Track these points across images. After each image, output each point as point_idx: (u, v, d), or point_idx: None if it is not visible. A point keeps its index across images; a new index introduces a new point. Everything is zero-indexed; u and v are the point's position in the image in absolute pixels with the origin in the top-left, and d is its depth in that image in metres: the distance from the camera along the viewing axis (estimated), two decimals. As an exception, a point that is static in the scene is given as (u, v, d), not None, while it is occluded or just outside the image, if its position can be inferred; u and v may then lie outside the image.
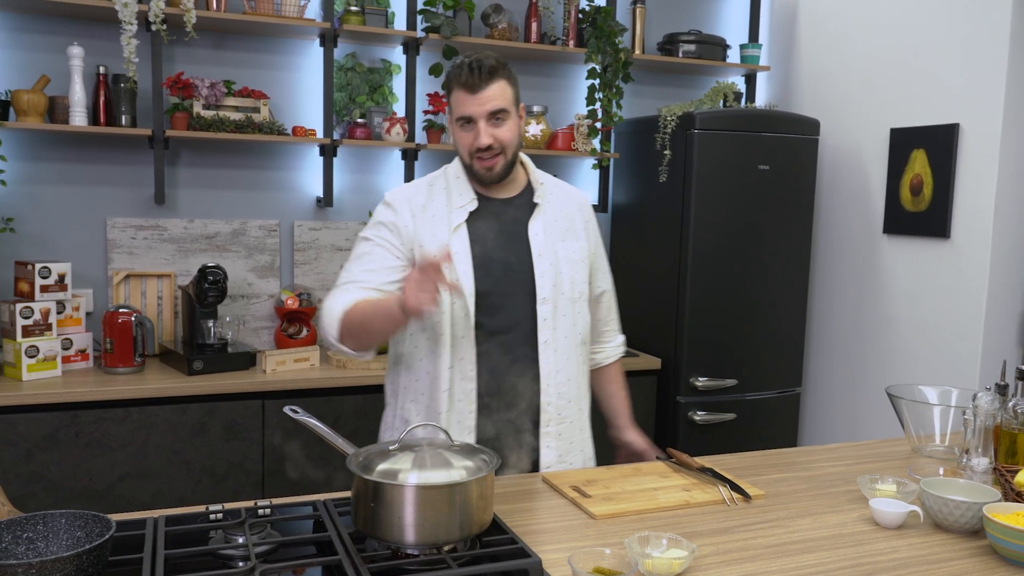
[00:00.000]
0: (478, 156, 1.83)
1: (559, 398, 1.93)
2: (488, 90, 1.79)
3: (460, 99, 1.82)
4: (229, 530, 1.43)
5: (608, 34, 3.52)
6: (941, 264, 3.21)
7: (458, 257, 1.85)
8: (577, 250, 1.97)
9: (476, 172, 1.87)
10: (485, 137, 1.81)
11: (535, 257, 1.90)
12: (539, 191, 1.95)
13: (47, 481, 2.64)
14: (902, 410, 2.13)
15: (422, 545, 1.35)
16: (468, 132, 1.84)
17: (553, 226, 1.95)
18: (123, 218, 3.19)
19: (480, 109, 1.80)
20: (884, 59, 3.46)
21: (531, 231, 1.92)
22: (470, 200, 1.90)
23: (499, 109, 1.81)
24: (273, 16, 3.09)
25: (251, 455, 2.87)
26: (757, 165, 3.44)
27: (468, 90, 1.79)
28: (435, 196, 1.92)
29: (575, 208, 2.02)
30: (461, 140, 1.86)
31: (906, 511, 1.61)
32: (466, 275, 1.84)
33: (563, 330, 1.92)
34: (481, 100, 1.79)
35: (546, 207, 1.95)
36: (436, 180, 1.96)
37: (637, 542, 1.39)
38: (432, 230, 1.88)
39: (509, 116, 1.84)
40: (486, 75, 1.79)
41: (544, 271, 1.89)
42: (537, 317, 1.89)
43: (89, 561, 1.12)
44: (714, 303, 3.44)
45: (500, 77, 1.81)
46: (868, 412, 3.56)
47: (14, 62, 3.02)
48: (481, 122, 1.81)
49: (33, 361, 2.76)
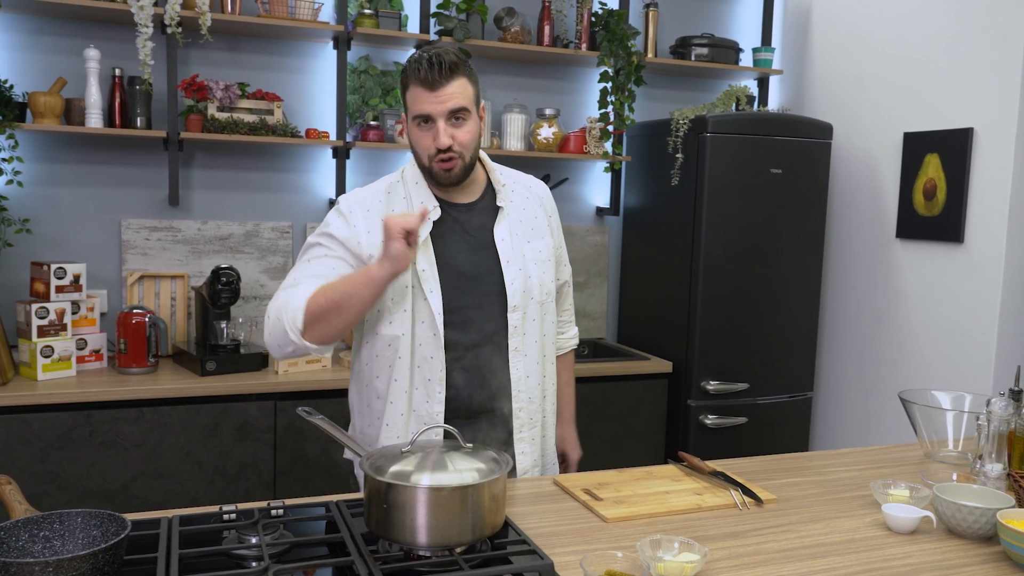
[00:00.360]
0: (437, 157, 1.73)
1: (529, 403, 1.87)
2: (448, 87, 1.68)
3: (418, 96, 1.70)
4: (242, 530, 1.44)
5: (621, 37, 3.52)
6: (954, 269, 3.20)
7: (424, 275, 1.76)
8: (543, 248, 1.90)
9: (434, 174, 1.76)
10: (444, 137, 1.70)
11: (504, 264, 1.82)
12: (502, 193, 1.87)
13: (61, 480, 2.66)
14: (915, 415, 2.12)
15: (434, 547, 1.36)
16: (426, 132, 1.72)
17: (519, 227, 1.87)
18: (137, 219, 3.21)
19: (440, 107, 1.69)
20: (897, 63, 3.45)
21: (497, 237, 1.84)
22: (432, 208, 1.80)
23: (460, 108, 1.70)
24: (287, 19, 3.11)
25: (263, 456, 2.88)
26: (769, 169, 3.43)
27: (427, 87, 1.68)
28: (394, 204, 1.82)
29: (537, 203, 1.94)
30: (419, 140, 1.74)
31: (919, 516, 1.60)
32: (434, 294, 1.76)
33: (532, 334, 1.86)
34: (441, 98, 1.68)
35: (510, 209, 1.87)
36: (395, 186, 1.85)
37: (649, 545, 1.39)
38: None
39: (470, 116, 1.73)
40: (447, 71, 1.67)
41: (514, 278, 1.82)
42: (508, 325, 1.82)
43: (105, 560, 1.13)
44: (726, 307, 3.44)
45: (461, 74, 1.70)
46: (880, 417, 3.54)
47: (31, 64, 3.04)
48: (440, 121, 1.70)
49: (48, 361, 2.78)
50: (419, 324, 1.78)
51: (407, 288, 1.77)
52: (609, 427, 3.40)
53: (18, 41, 3.02)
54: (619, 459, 3.39)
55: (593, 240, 3.91)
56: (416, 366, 1.79)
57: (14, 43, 3.02)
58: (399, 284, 1.77)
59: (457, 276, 1.79)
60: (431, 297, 1.76)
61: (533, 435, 1.90)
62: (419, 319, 1.77)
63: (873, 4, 3.57)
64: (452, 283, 1.79)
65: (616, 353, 3.66)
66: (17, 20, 3.01)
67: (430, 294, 1.76)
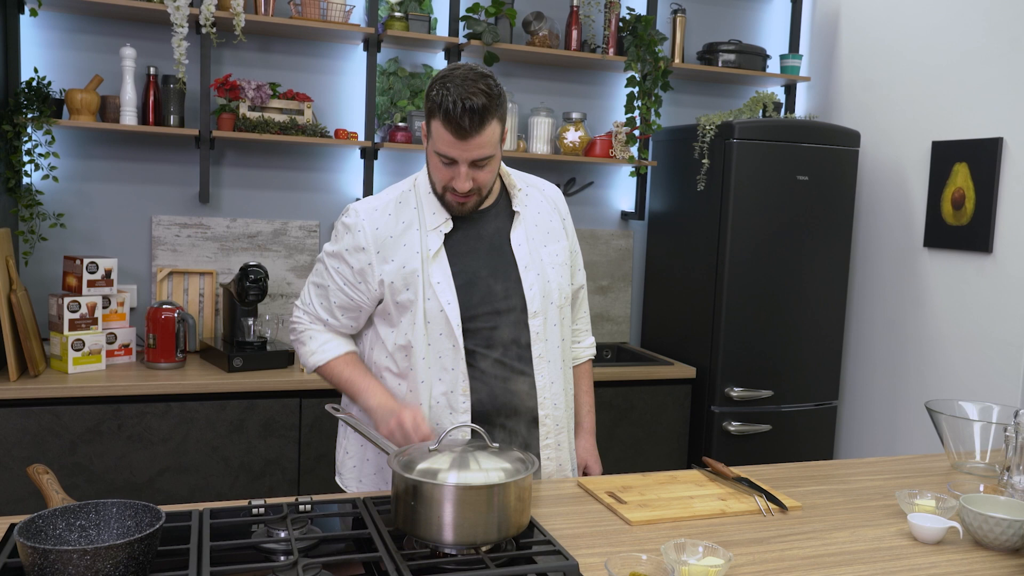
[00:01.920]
0: (452, 192, 1.70)
1: (555, 409, 1.86)
2: (478, 138, 1.62)
3: (444, 139, 1.63)
4: (271, 525, 1.46)
5: (648, 43, 3.53)
6: (983, 279, 3.17)
7: (440, 287, 1.73)
8: (560, 252, 1.88)
9: (447, 203, 1.74)
10: (465, 182, 1.66)
11: (522, 270, 1.80)
12: (517, 197, 1.84)
13: (90, 473, 2.70)
14: (942, 426, 2.11)
15: (460, 545, 1.37)
16: (447, 169, 1.68)
17: (535, 231, 1.85)
18: (168, 216, 3.25)
19: (466, 155, 1.64)
20: (926, 71, 3.43)
21: (514, 242, 1.81)
22: (444, 220, 1.76)
23: (485, 156, 1.66)
24: (319, 21, 3.14)
25: (288, 453, 2.91)
26: (796, 176, 3.42)
27: (456, 135, 1.61)
28: (404, 217, 1.77)
29: (551, 207, 1.91)
30: (438, 171, 1.70)
31: (945, 527, 1.59)
32: (452, 306, 1.73)
33: (554, 340, 1.85)
34: (469, 147, 1.62)
35: (525, 213, 1.85)
36: (407, 195, 1.80)
37: (673, 549, 1.40)
38: (402, 261, 1.74)
39: (491, 160, 1.68)
40: (478, 122, 1.60)
41: (532, 283, 1.80)
42: (530, 332, 1.80)
43: (140, 550, 1.15)
44: (751, 313, 3.43)
45: (492, 117, 1.62)
46: (906, 427, 3.52)
47: (69, 62, 3.09)
48: (463, 166, 1.65)
49: (79, 354, 2.82)
50: (436, 336, 1.75)
51: (420, 301, 1.74)
52: (632, 432, 3.40)
53: (56, 39, 3.07)
54: (641, 464, 3.39)
55: (618, 244, 3.91)
56: (437, 379, 1.77)
57: (53, 41, 3.07)
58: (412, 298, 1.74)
59: (474, 284, 1.77)
60: (448, 308, 1.73)
61: (560, 440, 1.89)
62: (435, 331, 1.75)
63: (902, 11, 3.55)
64: (469, 292, 1.76)
65: (640, 358, 3.66)
66: (56, 18, 3.07)
67: (447, 305, 1.73)
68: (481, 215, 1.83)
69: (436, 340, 1.75)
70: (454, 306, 1.74)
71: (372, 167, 3.39)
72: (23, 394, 2.61)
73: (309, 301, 1.87)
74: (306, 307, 1.88)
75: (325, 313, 1.85)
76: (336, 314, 1.84)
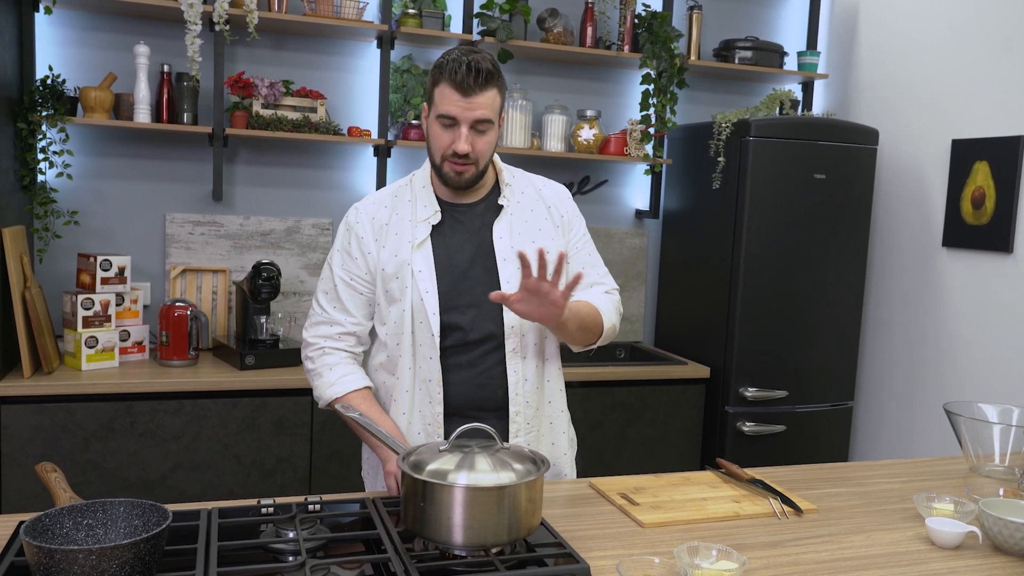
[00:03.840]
0: (452, 159, 1.74)
1: (526, 407, 1.83)
2: (480, 97, 1.69)
3: (448, 97, 1.69)
4: (280, 524, 1.45)
5: (664, 39, 3.50)
6: (1003, 279, 3.13)
7: (421, 276, 1.77)
8: (551, 250, 1.83)
9: (444, 174, 1.77)
10: (465, 144, 1.71)
11: (500, 262, 1.81)
12: (505, 192, 1.85)
13: (102, 470, 2.70)
14: (960, 428, 2.08)
15: (470, 546, 1.36)
16: (447, 132, 1.73)
17: (522, 227, 1.85)
18: (181, 213, 3.25)
19: (468, 114, 1.69)
20: (946, 68, 3.38)
21: (495, 234, 1.82)
22: (433, 213, 1.81)
23: (486, 119, 1.71)
24: (332, 18, 3.13)
25: (299, 451, 2.90)
26: (813, 174, 3.39)
27: (460, 91, 1.68)
28: (399, 209, 1.84)
29: (546, 206, 1.90)
30: (438, 139, 1.74)
31: (964, 531, 1.57)
32: (430, 295, 1.77)
33: (531, 336, 1.83)
34: (471, 105, 1.69)
35: (513, 208, 1.85)
36: (402, 190, 1.87)
37: (686, 552, 1.38)
38: (394, 248, 1.80)
39: (492, 127, 1.74)
40: (482, 81, 1.68)
41: (510, 277, 1.79)
42: (504, 326, 1.80)
43: (146, 549, 1.15)
44: (766, 312, 3.40)
45: (494, 84, 1.71)
46: (924, 429, 3.48)
47: (83, 59, 3.10)
48: (464, 127, 1.71)
49: (92, 352, 2.83)
50: (418, 324, 1.78)
51: (406, 289, 1.78)
52: (645, 432, 3.37)
53: (71, 37, 3.08)
54: (654, 464, 3.37)
55: (632, 243, 3.88)
56: (418, 366, 1.80)
57: (67, 39, 3.07)
58: (400, 287, 1.79)
59: (454, 275, 1.79)
60: (427, 298, 1.77)
61: (528, 440, 1.84)
62: (417, 319, 1.78)
63: (921, 8, 3.51)
64: (449, 282, 1.79)
65: (653, 357, 3.64)
66: (70, 16, 3.07)
67: (426, 294, 1.77)
68: (469, 208, 1.85)
69: (418, 328, 1.79)
70: (432, 295, 1.77)
71: (385, 165, 3.38)
72: (37, 391, 2.62)
73: (320, 311, 1.86)
74: (317, 321, 1.86)
75: (340, 314, 1.84)
76: (350, 310, 1.84)
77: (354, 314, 1.84)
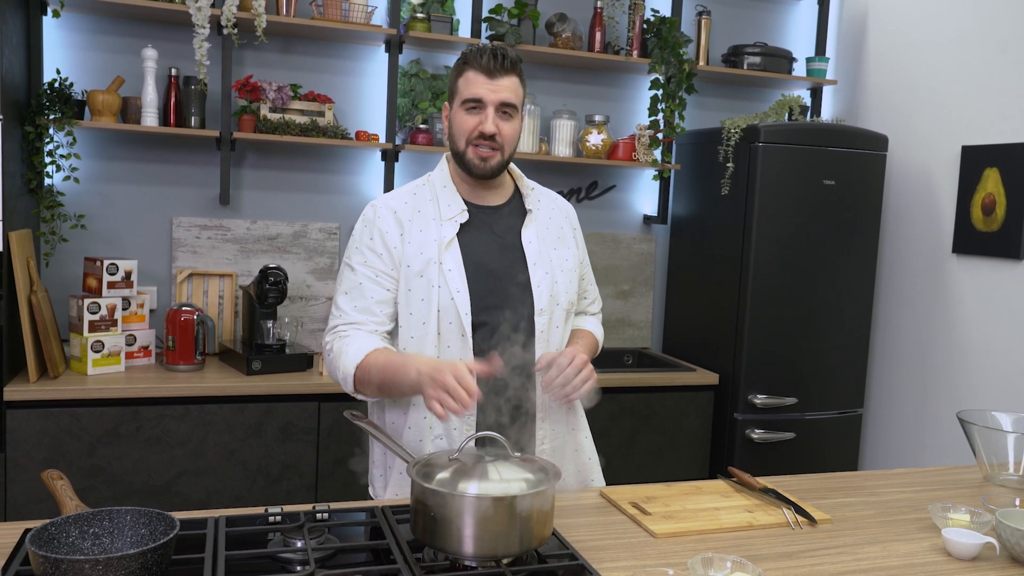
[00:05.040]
0: (477, 143, 1.73)
1: (553, 413, 1.84)
2: (505, 80, 1.72)
3: (474, 80, 1.72)
4: (288, 533, 1.43)
5: (672, 45, 3.48)
6: (1014, 286, 3.10)
7: (451, 275, 1.74)
8: (569, 258, 1.88)
9: (469, 161, 1.75)
10: (491, 124, 1.72)
11: (531, 266, 1.80)
12: (530, 197, 1.87)
13: (108, 475, 2.69)
14: (974, 436, 2.05)
15: (481, 557, 1.34)
16: (474, 115, 1.73)
17: (545, 233, 1.86)
18: (188, 217, 3.24)
19: (494, 96, 1.72)
20: (956, 74, 3.36)
21: (524, 239, 1.82)
22: (460, 211, 1.79)
23: (511, 103, 1.73)
24: (341, 22, 3.12)
25: (306, 457, 2.88)
26: (822, 180, 3.37)
27: (486, 74, 1.71)
28: (421, 207, 1.81)
29: (563, 216, 1.93)
30: (463, 124, 1.75)
31: (982, 543, 1.54)
32: (461, 294, 1.74)
33: (555, 342, 1.83)
34: (497, 87, 1.72)
35: (537, 214, 1.87)
36: (420, 189, 1.85)
37: (700, 564, 1.36)
38: (419, 245, 1.77)
39: (516, 114, 1.76)
40: (508, 65, 1.73)
41: (540, 281, 1.80)
42: (535, 330, 1.79)
43: (154, 559, 1.13)
44: (775, 319, 3.38)
45: (517, 73, 1.75)
46: (934, 437, 3.45)
47: (91, 63, 3.09)
48: (491, 109, 1.72)
49: (98, 356, 2.81)
50: (445, 325, 1.75)
51: (433, 288, 1.74)
52: (653, 439, 3.35)
53: (78, 40, 3.07)
54: (662, 472, 3.35)
55: (639, 248, 3.86)
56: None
57: (75, 42, 3.07)
58: (426, 285, 1.75)
59: (484, 276, 1.77)
60: (458, 297, 1.74)
61: (554, 447, 1.84)
62: (446, 319, 1.74)
63: (931, 14, 3.49)
64: (479, 282, 1.76)
65: (661, 363, 3.61)
66: (78, 19, 3.07)
67: (457, 293, 1.74)
68: (495, 210, 1.84)
69: (446, 329, 1.75)
70: (463, 294, 1.74)
71: (393, 169, 3.36)
72: (42, 395, 2.61)
73: (340, 313, 1.79)
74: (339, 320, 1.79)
75: (362, 314, 1.77)
76: (374, 310, 1.77)
77: (377, 314, 1.77)
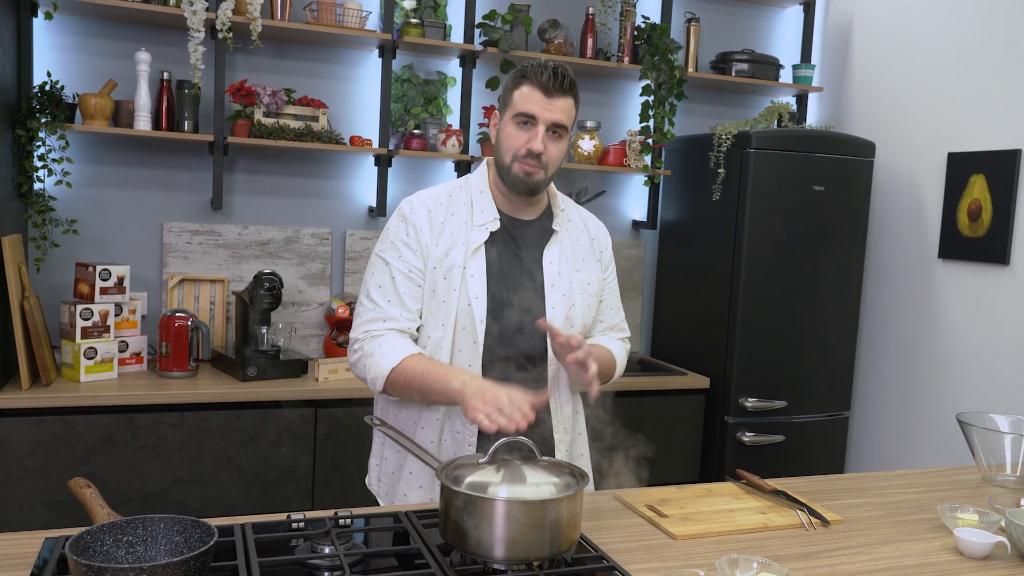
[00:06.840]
0: (524, 159, 1.73)
1: (566, 434, 1.85)
2: (561, 100, 1.71)
3: (530, 96, 1.71)
4: (315, 539, 1.43)
5: (663, 51, 3.52)
6: (999, 290, 3.17)
7: (473, 280, 1.74)
8: (592, 282, 1.88)
9: (513, 176, 1.74)
10: (540, 143, 1.71)
11: (547, 287, 1.80)
12: (559, 217, 1.86)
13: (103, 483, 2.65)
14: (972, 438, 2.10)
15: (511, 560, 1.34)
16: (524, 131, 1.73)
17: (570, 255, 1.86)
18: (179, 223, 3.21)
19: (548, 115, 1.71)
20: (942, 81, 3.43)
21: (545, 259, 1.82)
22: (492, 219, 1.79)
23: (562, 124, 1.73)
24: (335, 27, 3.12)
25: (302, 463, 2.86)
26: (812, 186, 3.42)
27: (544, 91, 1.70)
28: (455, 209, 1.80)
29: (589, 237, 1.92)
30: (512, 138, 1.74)
31: (993, 542, 1.58)
32: (479, 300, 1.74)
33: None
34: (553, 107, 1.71)
35: (563, 234, 1.86)
36: (456, 191, 1.83)
37: (727, 564, 1.38)
38: (447, 248, 1.76)
39: (565, 136, 1.76)
40: (567, 86, 1.71)
41: (556, 302, 1.80)
42: (548, 349, 1.78)
43: (195, 567, 1.12)
44: (765, 323, 3.42)
45: (573, 95, 1.74)
46: (918, 439, 3.51)
47: (83, 66, 3.05)
48: (542, 127, 1.71)
49: (91, 363, 2.78)
50: (460, 329, 1.75)
51: (453, 292, 1.74)
52: (644, 442, 3.36)
53: (70, 43, 3.03)
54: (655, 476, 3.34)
55: (628, 254, 3.89)
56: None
57: (67, 45, 3.03)
58: (448, 288, 1.74)
59: (503, 286, 1.77)
60: (476, 303, 1.74)
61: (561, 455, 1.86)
62: (461, 324, 1.74)
63: (916, 21, 3.56)
64: (496, 294, 1.76)
65: (651, 368, 3.64)
66: (70, 22, 3.03)
67: (475, 300, 1.74)
68: (524, 225, 1.83)
69: (460, 334, 1.75)
70: (481, 301, 1.74)
71: (386, 174, 3.36)
72: (35, 403, 2.57)
73: (373, 306, 1.75)
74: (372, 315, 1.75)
75: (396, 309, 1.74)
76: (408, 304, 1.74)
77: (411, 309, 1.75)
